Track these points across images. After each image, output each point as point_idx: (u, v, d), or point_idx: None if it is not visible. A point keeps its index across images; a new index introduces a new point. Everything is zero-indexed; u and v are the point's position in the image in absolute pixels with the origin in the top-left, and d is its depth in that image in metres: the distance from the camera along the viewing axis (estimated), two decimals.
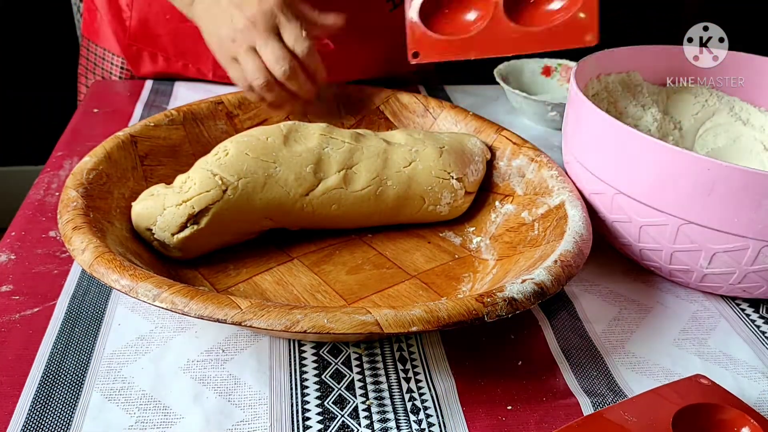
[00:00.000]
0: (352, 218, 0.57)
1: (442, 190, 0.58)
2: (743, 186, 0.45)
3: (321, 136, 0.55)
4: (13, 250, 0.54)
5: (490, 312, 0.41)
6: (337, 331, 0.39)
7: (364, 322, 0.39)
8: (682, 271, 0.52)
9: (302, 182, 0.54)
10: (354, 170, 0.55)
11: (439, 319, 0.40)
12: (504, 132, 0.64)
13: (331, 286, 0.52)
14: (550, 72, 0.89)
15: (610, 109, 0.63)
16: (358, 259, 0.56)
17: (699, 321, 0.52)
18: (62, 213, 0.48)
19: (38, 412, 0.41)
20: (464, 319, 0.40)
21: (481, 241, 0.58)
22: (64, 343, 0.46)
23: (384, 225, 0.59)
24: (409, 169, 0.57)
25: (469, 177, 0.59)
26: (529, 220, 0.56)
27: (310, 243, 0.57)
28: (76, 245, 0.45)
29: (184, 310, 0.40)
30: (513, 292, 0.42)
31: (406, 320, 0.40)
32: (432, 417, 0.43)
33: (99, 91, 0.84)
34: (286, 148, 0.54)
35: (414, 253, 0.57)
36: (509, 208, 0.59)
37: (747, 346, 0.50)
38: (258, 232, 0.55)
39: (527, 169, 0.59)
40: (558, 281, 0.44)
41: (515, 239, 0.56)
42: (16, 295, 0.49)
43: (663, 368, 0.48)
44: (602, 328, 0.51)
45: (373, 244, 0.58)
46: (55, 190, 0.62)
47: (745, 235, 0.46)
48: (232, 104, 0.65)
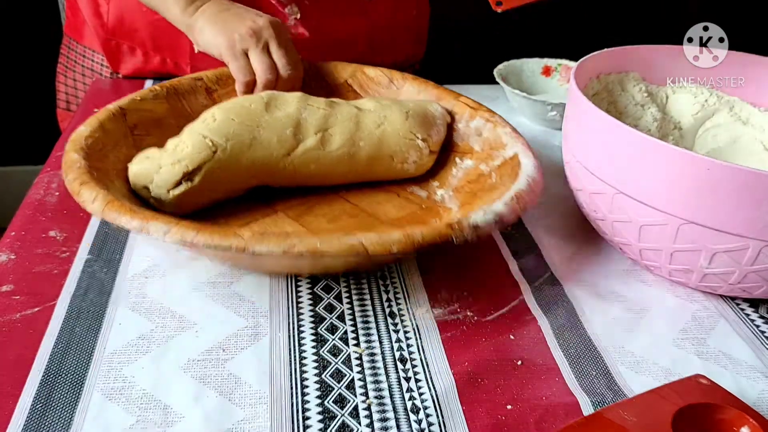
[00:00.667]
0: (330, 176, 0.63)
1: (409, 149, 0.64)
2: (743, 186, 0.45)
3: (299, 102, 0.61)
4: (13, 249, 0.54)
5: (458, 236, 0.48)
6: (329, 251, 0.44)
7: (351, 243, 0.45)
8: (682, 270, 0.52)
9: (284, 144, 0.59)
10: (329, 132, 0.61)
11: (414, 241, 0.46)
12: (462, 98, 0.70)
13: (314, 234, 0.54)
14: (550, 72, 0.89)
15: (610, 109, 0.63)
16: (336, 210, 0.62)
17: (699, 321, 0.53)
18: (68, 172, 0.52)
19: (39, 411, 0.41)
20: (437, 241, 0.47)
21: (445, 193, 0.65)
22: (64, 342, 0.46)
23: (358, 182, 0.65)
24: (379, 131, 0.63)
25: (433, 137, 0.66)
26: (487, 171, 0.62)
27: (292, 199, 0.62)
28: (85, 197, 0.49)
29: (193, 242, 0.44)
30: (477, 220, 0.49)
31: (388, 242, 0.45)
32: (432, 416, 0.43)
33: (98, 91, 0.84)
34: (268, 114, 0.60)
35: (386, 205, 0.63)
36: (469, 163, 0.65)
37: (746, 346, 0.50)
38: (245, 190, 0.61)
39: (484, 128, 0.66)
40: (514, 212, 0.51)
41: (475, 188, 0.62)
42: (17, 295, 0.49)
43: (663, 368, 0.48)
44: (602, 327, 0.51)
45: (349, 198, 0.64)
46: (55, 190, 0.62)
47: (745, 234, 0.46)
48: (210, 80, 0.71)
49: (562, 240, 0.61)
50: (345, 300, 0.52)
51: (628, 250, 0.55)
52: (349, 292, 0.53)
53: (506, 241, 0.60)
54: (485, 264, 0.57)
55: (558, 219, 0.64)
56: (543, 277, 0.56)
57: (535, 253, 0.59)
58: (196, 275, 0.53)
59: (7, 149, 1.87)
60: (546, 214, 0.65)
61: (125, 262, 0.54)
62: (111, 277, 0.52)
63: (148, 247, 0.56)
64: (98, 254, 0.55)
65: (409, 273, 0.56)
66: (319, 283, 0.54)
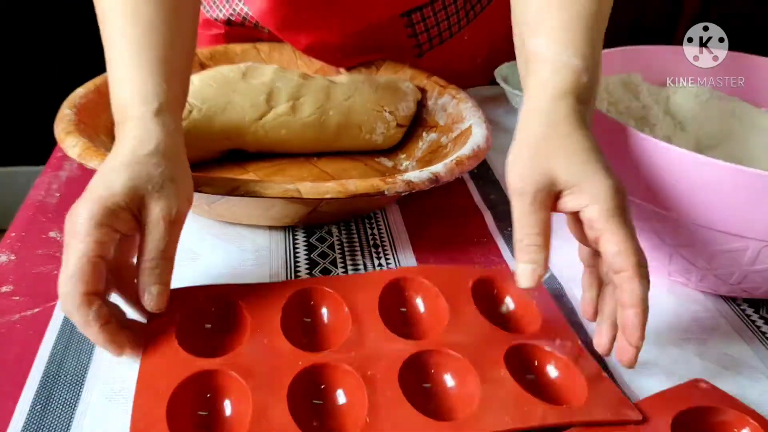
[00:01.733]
0: (300, 143, 0.68)
1: (377, 121, 0.69)
2: (743, 186, 0.45)
3: (274, 73, 0.66)
4: (13, 250, 0.54)
5: (389, 188, 0.52)
6: (266, 194, 0.49)
7: (287, 188, 0.50)
8: (682, 271, 0.52)
9: (256, 109, 0.64)
10: (301, 101, 0.66)
11: (348, 191, 0.50)
12: (433, 77, 0.75)
13: None
14: None
15: (610, 110, 0.63)
16: (305, 173, 0.67)
17: (699, 321, 0.52)
18: (57, 124, 0.57)
19: (39, 412, 0.41)
20: (369, 191, 0.51)
21: (409, 164, 0.70)
22: (64, 343, 0.46)
23: (329, 152, 0.70)
24: (349, 102, 0.68)
25: (401, 111, 0.71)
26: (445, 142, 0.68)
27: (264, 161, 0.68)
28: (68, 144, 0.54)
29: None
30: (411, 177, 0.53)
31: (322, 190, 0.50)
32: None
33: None
34: (244, 81, 0.65)
35: (351, 172, 0.68)
36: (433, 136, 0.71)
37: (747, 347, 0.50)
38: (220, 152, 0.66)
39: (449, 104, 0.71)
40: (451, 173, 0.55)
41: (433, 158, 0.67)
42: (17, 296, 0.49)
43: (663, 368, 0.48)
44: None
45: (318, 164, 0.69)
46: (55, 191, 0.62)
47: (746, 235, 0.46)
48: (204, 56, 0.76)
49: (562, 240, 0.61)
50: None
51: None
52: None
53: (506, 241, 0.60)
54: (485, 264, 0.57)
55: (558, 219, 0.64)
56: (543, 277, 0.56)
57: None
58: (197, 275, 0.53)
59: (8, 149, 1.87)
60: None
61: None
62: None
63: None
64: None
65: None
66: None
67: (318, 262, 0.56)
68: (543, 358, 0.45)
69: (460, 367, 0.43)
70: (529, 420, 0.39)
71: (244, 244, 0.57)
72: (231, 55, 0.78)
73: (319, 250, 0.58)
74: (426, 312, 0.49)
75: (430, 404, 0.41)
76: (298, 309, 0.48)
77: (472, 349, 0.44)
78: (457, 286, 0.49)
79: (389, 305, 0.48)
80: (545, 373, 0.45)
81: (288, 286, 0.49)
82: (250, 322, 0.45)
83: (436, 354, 0.44)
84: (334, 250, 0.58)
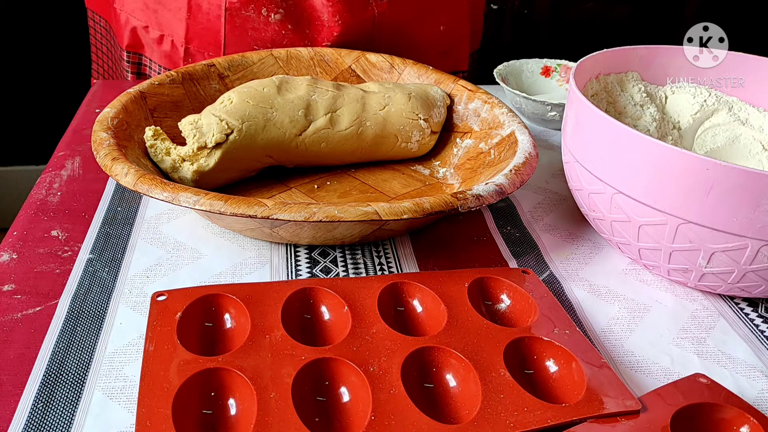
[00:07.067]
0: (339, 155, 0.67)
1: (412, 129, 0.68)
2: (742, 186, 0.45)
3: (308, 86, 0.65)
4: (15, 249, 0.54)
5: (462, 204, 0.51)
6: (346, 218, 0.48)
7: (366, 211, 0.49)
8: (680, 270, 0.52)
9: (295, 124, 0.64)
10: (338, 113, 0.66)
11: (423, 209, 0.50)
12: (460, 81, 0.74)
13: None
14: (550, 72, 0.89)
15: (609, 109, 0.63)
16: (346, 186, 0.66)
17: (698, 320, 0.53)
18: (98, 150, 0.55)
19: (40, 410, 0.41)
20: (443, 209, 0.50)
21: (447, 171, 0.69)
22: (65, 341, 0.46)
23: (365, 162, 0.70)
24: (384, 111, 0.67)
25: (434, 118, 0.70)
26: (486, 149, 0.66)
27: (304, 177, 0.67)
28: (118, 171, 0.52)
29: (221, 210, 0.48)
30: (479, 191, 0.53)
31: (399, 210, 0.49)
32: None
33: (101, 91, 0.84)
34: (280, 96, 0.64)
35: (392, 182, 0.68)
36: (468, 143, 0.69)
37: (746, 345, 0.50)
38: (260, 169, 0.65)
39: (482, 109, 0.70)
40: (513, 184, 0.55)
41: (475, 165, 0.66)
42: (18, 295, 0.50)
43: (662, 367, 0.48)
44: (601, 327, 0.51)
45: (357, 176, 0.68)
46: (57, 190, 0.62)
47: (744, 234, 0.46)
48: (222, 66, 0.74)
49: (561, 239, 0.62)
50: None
51: (627, 250, 0.55)
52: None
53: (506, 240, 0.61)
54: (485, 263, 0.58)
55: (558, 218, 0.65)
56: (542, 276, 0.56)
57: (535, 253, 0.59)
58: (197, 274, 0.53)
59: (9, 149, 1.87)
60: (546, 213, 0.65)
61: (126, 262, 0.54)
62: (112, 277, 0.52)
63: (150, 246, 0.56)
64: (100, 254, 0.55)
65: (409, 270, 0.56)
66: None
67: (319, 260, 0.56)
68: (542, 351, 0.45)
69: (460, 366, 0.43)
70: (530, 423, 0.39)
71: (245, 244, 0.57)
72: (248, 64, 0.75)
73: (320, 248, 0.58)
74: (424, 313, 0.49)
75: (432, 405, 0.42)
76: (299, 307, 0.48)
77: (471, 348, 0.44)
78: (454, 287, 0.50)
79: (388, 305, 0.49)
80: (545, 366, 0.45)
81: (289, 286, 0.49)
82: (251, 321, 0.45)
83: (437, 351, 0.44)
84: (334, 249, 0.58)
